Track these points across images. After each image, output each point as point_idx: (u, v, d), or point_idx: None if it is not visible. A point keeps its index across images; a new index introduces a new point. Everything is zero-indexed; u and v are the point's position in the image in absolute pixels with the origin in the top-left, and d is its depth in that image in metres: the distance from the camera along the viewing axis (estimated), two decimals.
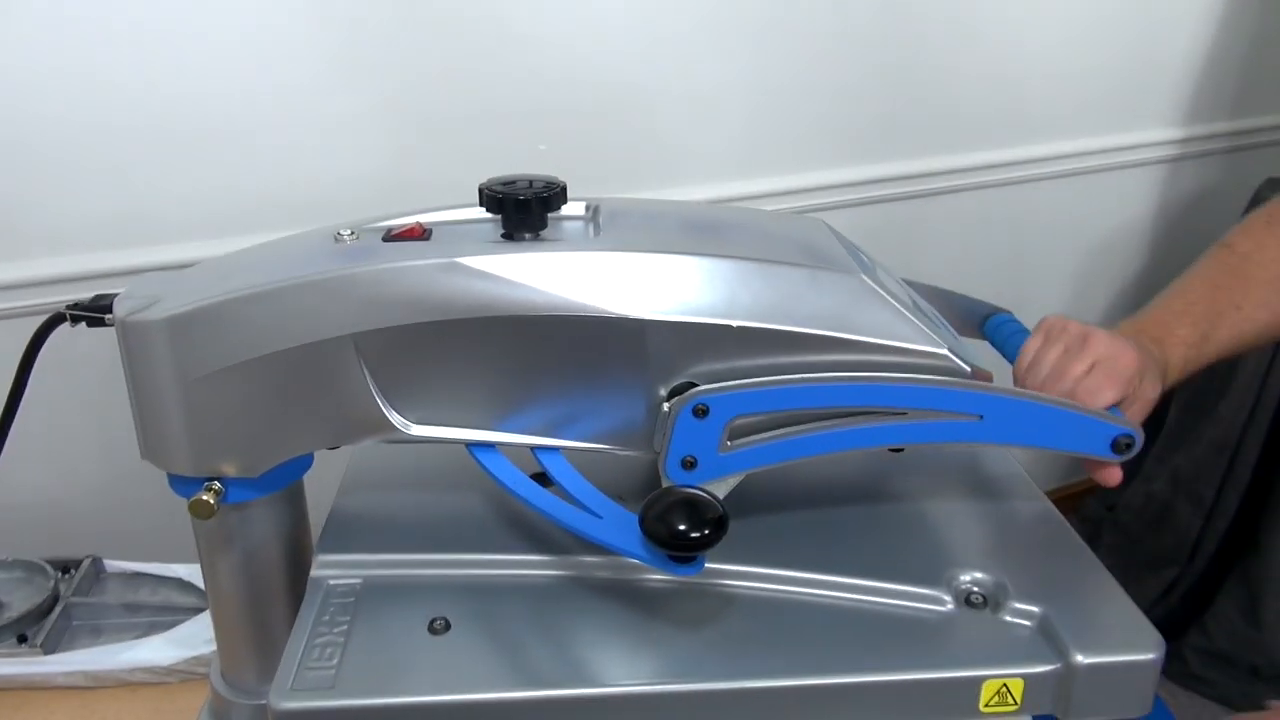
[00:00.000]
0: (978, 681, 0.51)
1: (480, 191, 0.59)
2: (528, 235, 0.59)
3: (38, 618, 0.82)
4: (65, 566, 0.88)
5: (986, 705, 0.52)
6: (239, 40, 1.08)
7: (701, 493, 0.50)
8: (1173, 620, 1.59)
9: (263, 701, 0.67)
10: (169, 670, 0.79)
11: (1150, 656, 0.52)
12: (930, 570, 0.58)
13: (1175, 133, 1.78)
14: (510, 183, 0.60)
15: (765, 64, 1.38)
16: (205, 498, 0.57)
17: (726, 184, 1.41)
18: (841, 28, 1.41)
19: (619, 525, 0.52)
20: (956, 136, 1.59)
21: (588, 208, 0.64)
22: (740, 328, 0.54)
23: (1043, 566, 0.59)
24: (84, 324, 0.61)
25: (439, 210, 0.64)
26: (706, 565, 0.54)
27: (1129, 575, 1.74)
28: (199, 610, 0.84)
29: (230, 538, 0.62)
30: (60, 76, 1.03)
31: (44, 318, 0.63)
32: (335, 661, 0.53)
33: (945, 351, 0.56)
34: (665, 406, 0.54)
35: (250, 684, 0.68)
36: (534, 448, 0.57)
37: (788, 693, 0.52)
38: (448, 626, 0.55)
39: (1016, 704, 0.52)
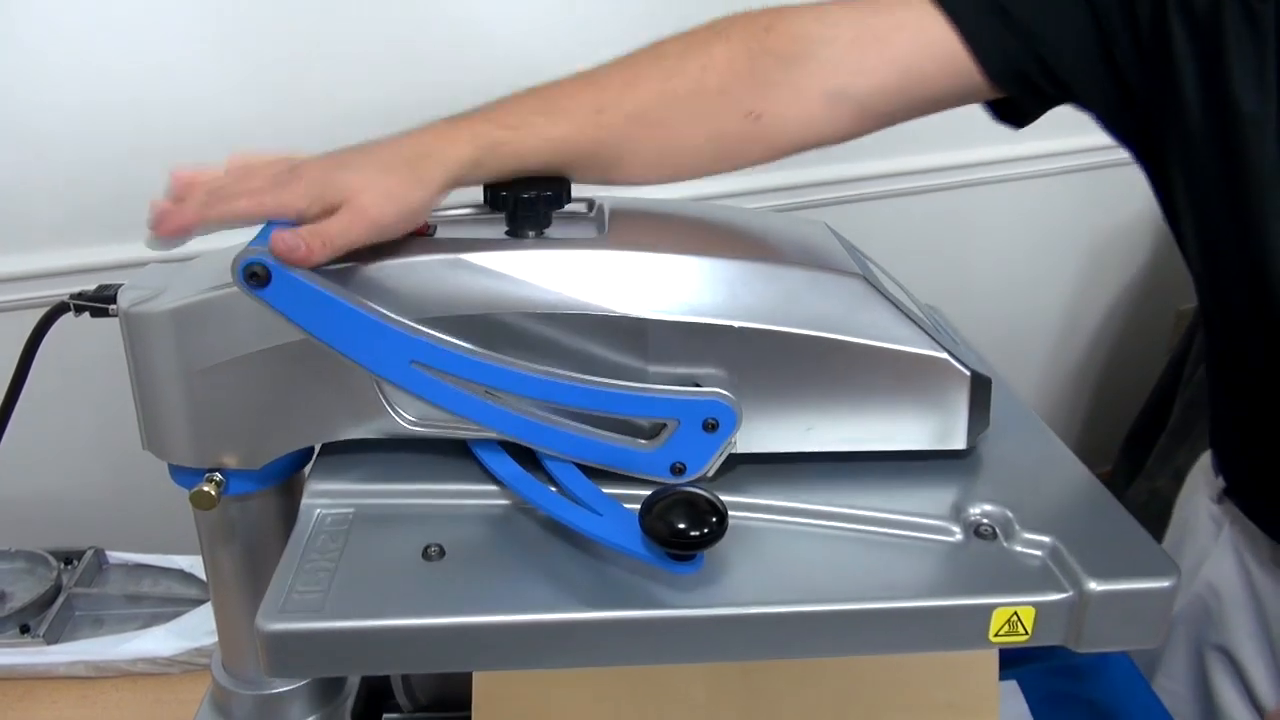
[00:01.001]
0: (988, 610, 0.50)
1: (484, 189, 0.60)
2: (531, 233, 0.59)
3: (40, 608, 0.83)
4: (68, 558, 0.89)
5: (996, 634, 0.51)
6: (236, 36, 1.08)
7: (701, 491, 0.50)
8: None
9: (264, 692, 0.68)
10: (170, 661, 0.80)
11: (1165, 584, 0.50)
12: (938, 503, 0.56)
13: None
14: (514, 180, 0.60)
15: None
16: (206, 489, 0.57)
17: (722, 181, 1.41)
18: None
19: (618, 523, 0.52)
20: (957, 132, 1.59)
21: (591, 205, 0.64)
22: (741, 329, 0.54)
23: (1052, 497, 0.58)
24: (87, 315, 0.61)
25: (442, 208, 0.64)
26: None
27: None
28: (200, 602, 0.84)
29: (232, 529, 0.63)
30: (60, 71, 1.03)
31: (46, 309, 0.63)
32: (325, 586, 0.51)
33: (945, 356, 0.56)
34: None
35: (252, 675, 0.68)
36: (534, 445, 0.57)
37: (794, 619, 0.50)
38: (442, 553, 0.53)
39: (1027, 633, 0.51)
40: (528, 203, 0.58)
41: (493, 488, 0.57)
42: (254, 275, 0.50)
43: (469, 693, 0.67)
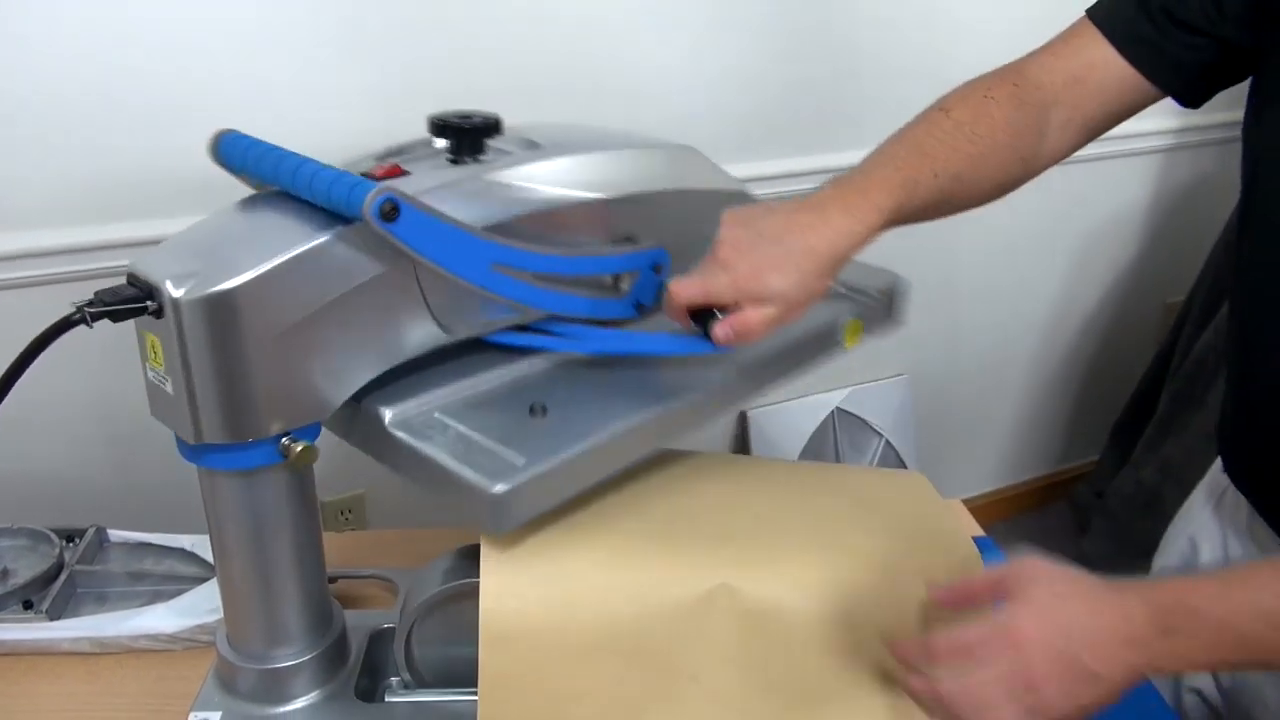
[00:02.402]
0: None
1: (435, 123, 0.66)
2: (469, 159, 0.66)
3: (43, 585, 0.83)
4: (70, 535, 0.89)
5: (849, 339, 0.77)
6: (224, 12, 1.08)
7: None
8: None
9: (269, 666, 0.68)
10: (173, 638, 0.80)
11: (895, 278, 0.83)
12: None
13: (1172, 122, 1.79)
14: (450, 116, 0.67)
15: (763, 48, 1.39)
16: (298, 447, 0.60)
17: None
18: (839, 14, 1.42)
19: (671, 339, 0.69)
20: None
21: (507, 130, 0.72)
22: (680, 191, 0.74)
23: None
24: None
25: (374, 152, 0.70)
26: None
27: (1118, 561, 1.76)
28: (203, 580, 0.85)
29: (238, 505, 0.64)
30: (52, 51, 1.03)
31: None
32: (497, 453, 0.59)
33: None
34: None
35: (257, 649, 0.69)
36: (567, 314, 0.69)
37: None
38: (545, 409, 0.64)
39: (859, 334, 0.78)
40: (478, 130, 0.66)
41: (521, 361, 0.69)
42: (388, 212, 0.55)
43: (471, 671, 0.68)
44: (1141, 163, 1.83)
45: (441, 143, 0.68)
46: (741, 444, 1.70)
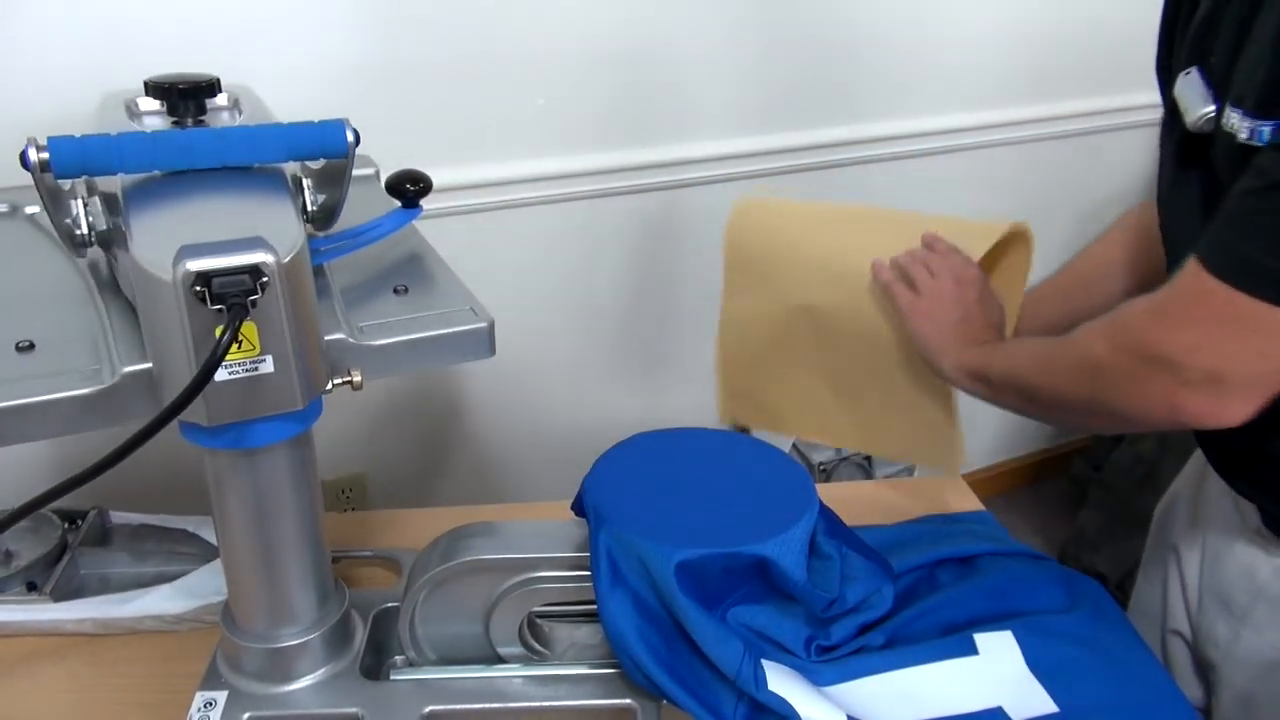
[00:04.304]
0: None
1: (159, 86, 0.68)
2: (192, 119, 0.69)
3: (46, 566, 0.83)
4: (72, 517, 0.89)
5: None
6: None
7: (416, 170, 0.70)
8: None
9: (274, 646, 0.69)
10: (178, 619, 0.80)
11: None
12: None
13: None
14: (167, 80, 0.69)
15: (743, 26, 1.38)
16: (357, 375, 0.62)
17: (701, 144, 1.42)
18: None
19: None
20: (942, 97, 1.59)
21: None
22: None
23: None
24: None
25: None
26: None
27: (1115, 534, 1.77)
28: (205, 561, 0.85)
29: (242, 484, 0.64)
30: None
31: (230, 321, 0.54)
32: (442, 313, 0.66)
33: None
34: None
35: (261, 629, 0.69)
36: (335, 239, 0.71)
37: None
38: (406, 289, 0.70)
39: None
40: (198, 91, 0.68)
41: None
42: (359, 139, 0.64)
43: (473, 650, 0.68)
44: (1144, 135, 1.82)
45: (155, 103, 0.70)
46: None
